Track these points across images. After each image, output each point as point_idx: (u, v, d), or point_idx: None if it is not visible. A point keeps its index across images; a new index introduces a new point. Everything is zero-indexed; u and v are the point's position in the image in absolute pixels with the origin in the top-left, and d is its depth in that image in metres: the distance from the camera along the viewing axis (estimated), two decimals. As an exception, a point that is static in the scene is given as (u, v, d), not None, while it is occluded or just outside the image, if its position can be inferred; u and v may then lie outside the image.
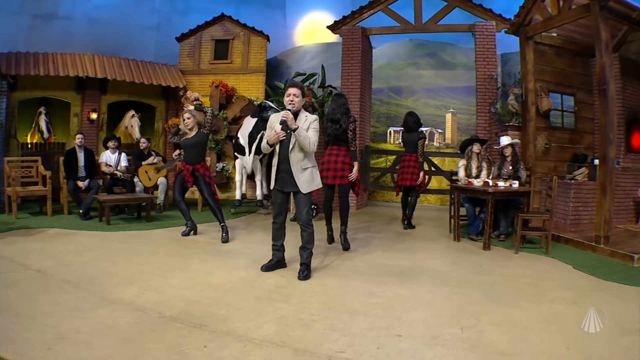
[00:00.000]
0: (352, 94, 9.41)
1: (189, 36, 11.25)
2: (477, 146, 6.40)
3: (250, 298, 3.76)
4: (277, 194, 4.43)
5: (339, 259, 5.11)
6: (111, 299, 3.67)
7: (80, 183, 7.39)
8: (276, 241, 4.59)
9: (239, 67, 11.18)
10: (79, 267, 4.48)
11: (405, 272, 4.60)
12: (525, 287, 4.16)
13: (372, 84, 10.75)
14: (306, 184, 4.33)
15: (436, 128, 10.52)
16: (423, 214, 8.65)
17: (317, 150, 4.51)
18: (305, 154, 4.31)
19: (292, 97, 4.23)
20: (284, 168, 4.28)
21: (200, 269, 4.56)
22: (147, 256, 5.02)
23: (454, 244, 6.08)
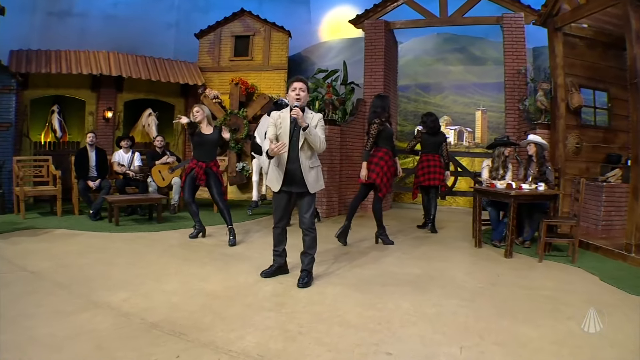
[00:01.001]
0: (375, 91, 9.21)
1: (209, 32, 11.30)
2: (509, 150, 6.14)
3: (240, 306, 3.67)
4: (282, 196, 4.31)
5: (348, 265, 4.97)
6: (98, 302, 3.65)
7: (90, 183, 7.49)
8: (277, 246, 4.50)
9: (259, 64, 11.18)
10: (76, 269, 4.51)
11: (415, 281, 4.41)
12: (543, 300, 3.89)
13: (399, 81, 10.60)
14: (314, 184, 4.24)
15: (465, 127, 10.24)
16: (449, 217, 8.40)
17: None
18: (312, 153, 4.22)
19: (298, 92, 4.12)
20: (292, 168, 4.17)
21: (197, 274, 4.52)
22: (148, 259, 5.04)
23: (474, 250, 5.83)
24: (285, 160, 4.17)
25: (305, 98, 4.17)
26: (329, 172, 8.36)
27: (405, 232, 6.99)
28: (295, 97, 4.12)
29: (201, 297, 3.86)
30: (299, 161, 4.14)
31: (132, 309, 3.54)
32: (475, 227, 5.96)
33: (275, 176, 4.26)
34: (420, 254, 5.60)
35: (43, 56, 9.27)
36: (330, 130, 8.36)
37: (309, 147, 4.15)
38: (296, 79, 4.23)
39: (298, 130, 4.11)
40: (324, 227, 7.37)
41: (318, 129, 4.17)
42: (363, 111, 9.30)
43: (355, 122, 9.14)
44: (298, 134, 4.11)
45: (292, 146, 4.15)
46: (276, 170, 4.26)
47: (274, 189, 4.30)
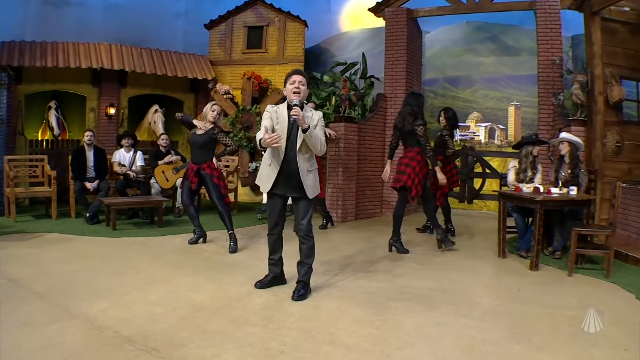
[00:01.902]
0: (397, 86, 9.13)
1: (219, 23, 11.34)
2: (537, 149, 5.93)
3: (224, 320, 3.61)
4: (276, 201, 4.22)
5: (353, 276, 4.87)
6: (73, 313, 3.65)
7: (88, 184, 7.56)
8: (273, 254, 4.44)
9: (274, 56, 11.17)
10: (58, 277, 4.54)
11: (424, 296, 4.27)
12: (566, 322, 3.69)
13: (425, 74, 10.47)
14: (312, 188, 4.14)
15: (497, 124, 10.02)
16: (477, 223, 8.20)
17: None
18: (311, 154, 4.13)
19: (297, 85, 4.01)
20: (289, 170, 4.07)
21: (187, 283, 4.49)
22: (138, 266, 5.04)
23: (497, 261, 5.65)
24: (280, 161, 4.07)
25: (304, 93, 4.06)
26: (344, 173, 8.27)
27: (425, 240, 6.84)
28: (293, 91, 4.02)
29: (185, 309, 3.82)
30: (296, 163, 4.04)
31: (109, 320, 3.53)
32: (499, 235, 5.76)
33: (267, 175, 4.16)
34: (437, 264, 5.45)
35: (38, 48, 9.33)
36: (346, 128, 8.28)
37: (307, 148, 4.06)
38: (294, 72, 4.12)
39: (296, 129, 4.02)
40: (336, 233, 7.29)
41: (318, 129, 4.06)
42: (383, 107, 9.18)
43: (374, 118, 9.02)
44: (296, 133, 4.02)
45: (289, 147, 4.05)
46: (268, 169, 4.16)
47: (263, 188, 4.21)
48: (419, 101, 5.97)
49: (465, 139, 10.14)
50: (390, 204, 9.12)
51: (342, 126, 8.27)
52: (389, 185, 6.56)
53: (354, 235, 7.14)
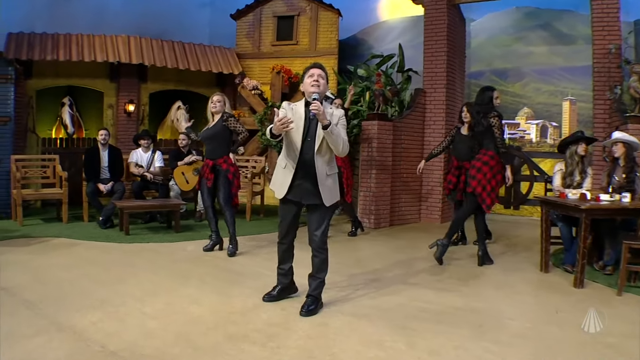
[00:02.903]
0: (436, 79, 9.00)
1: (247, 13, 11.41)
2: (583, 147, 5.66)
3: (220, 335, 3.60)
4: (289, 207, 4.14)
5: (374, 290, 4.78)
6: (62, 325, 3.71)
7: (101, 186, 7.72)
8: (283, 264, 4.39)
9: (305, 48, 11.15)
10: (53, 285, 4.63)
11: (446, 315, 4.14)
12: (602, 350, 3.48)
13: (470, 66, 10.27)
14: (330, 194, 4.05)
15: (550, 121, 9.70)
16: (523, 232, 7.95)
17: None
18: (331, 156, 4.04)
19: (316, 78, 3.93)
20: (305, 173, 3.98)
21: (190, 294, 4.52)
22: (143, 275, 5.11)
23: (539, 276, 5.44)
24: (295, 163, 3.98)
25: (324, 87, 3.98)
26: (378, 175, 8.18)
27: (460, 249, 6.67)
28: (312, 84, 3.91)
29: (182, 322, 3.84)
30: (314, 166, 3.95)
31: (98, 333, 3.56)
32: (542, 246, 5.54)
33: (281, 180, 4.09)
34: (470, 279, 5.30)
35: (49, 41, 9.44)
36: (380, 127, 8.18)
37: (327, 149, 3.97)
38: (313, 65, 4.06)
39: (314, 127, 3.93)
40: (366, 240, 7.24)
41: (340, 128, 3.97)
42: (422, 103, 9.03)
43: (412, 116, 8.89)
44: (314, 132, 3.93)
45: (305, 147, 3.96)
46: (282, 173, 4.09)
47: (278, 195, 4.13)
48: (484, 95, 5.84)
49: (515, 137, 9.85)
50: (429, 209, 8.97)
51: (375, 124, 8.17)
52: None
53: (385, 244, 7.05)
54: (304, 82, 4.00)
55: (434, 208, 8.94)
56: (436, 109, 8.98)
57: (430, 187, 8.94)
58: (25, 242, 6.34)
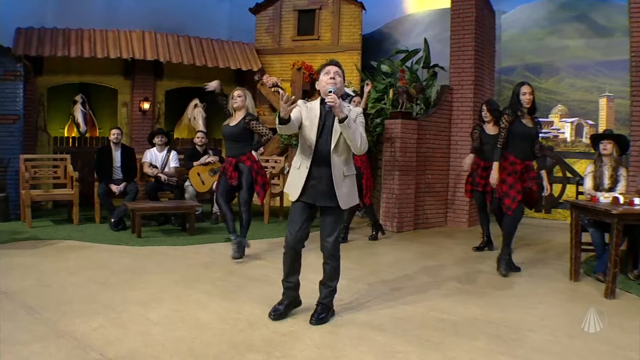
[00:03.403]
0: (464, 76, 8.90)
1: (267, 7, 11.46)
2: (606, 145, 5.54)
3: (225, 344, 3.61)
4: (302, 210, 4.04)
5: (390, 299, 4.73)
6: (61, 331, 3.75)
7: (114, 187, 7.81)
8: (291, 277, 4.19)
9: (327, 44, 11.17)
10: (57, 290, 4.70)
11: (463, 325, 4.08)
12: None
13: (501, 61, 10.20)
14: (346, 197, 3.99)
15: (585, 118, 9.55)
16: (555, 237, 7.83)
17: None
18: (348, 155, 4.00)
19: (333, 75, 3.88)
20: (320, 174, 3.93)
21: (198, 300, 4.54)
22: (150, 279, 5.15)
23: (567, 285, 5.33)
24: (309, 161, 3.93)
25: (341, 84, 3.94)
26: (401, 177, 8.12)
27: (486, 256, 6.58)
28: (328, 82, 3.86)
29: (186, 329, 3.85)
30: (330, 165, 3.90)
31: (97, 340, 3.60)
32: (572, 253, 5.42)
33: (295, 181, 4.04)
34: (492, 286, 5.22)
35: (60, 36, 9.54)
36: (404, 126, 8.12)
37: (345, 147, 3.92)
38: (329, 63, 4.03)
39: (330, 124, 3.89)
40: (387, 245, 7.23)
41: (357, 124, 3.93)
42: (448, 101, 8.95)
43: (438, 114, 8.81)
44: (330, 130, 3.90)
45: (320, 145, 3.91)
46: (297, 174, 4.03)
47: (292, 196, 4.07)
48: (516, 89, 5.69)
49: (548, 136, 9.69)
50: (455, 212, 8.87)
51: (399, 123, 8.12)
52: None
53: (407, 249, 6.98)
54: (320, 80, 3.97)
55: (461, 211, 8.84)
56: (463, 106, 8.88)
57: (457, 189, 8.83)
58: (32, 244, 6.45)
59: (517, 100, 5.48)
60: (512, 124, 5.45)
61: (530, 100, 5.42)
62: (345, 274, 5.08)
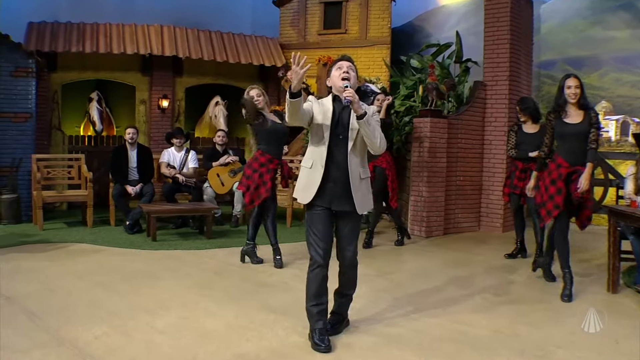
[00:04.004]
0: (498, 71, 8.76)
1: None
2: None
3: (230, 354, 3.63)
4: (326, 218, 3.83)
5: (411, 310, 4.68)
6: (63, 338, 3.82)
7: (129, 188, 7.91)
8: (320, 297, 3.85)
9: (355, 37, 11.18)
10: (63, 295, 4.79)
11: (485, 339, 4.04)
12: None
13: (540, 55, 10.05)
14: (363, 201, 3.89)
15: (632, 116, 9.33)
16: (595, 244, 7.59)
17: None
18: (364, 157, 3.90)
19: (346, 69, 3.79)
20: (336, 175, 3.80)
21: (207, 308, 4.58)
22: (162, 285, 5.21)
23: (604, 297, 5.18)
24: (324, 161, 3.78)
25: (354, 80, 3.83)
26: (430, 179, 8.04)
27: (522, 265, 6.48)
28: (342, 77, 3.76)
29: (191, 338, 3.89)
30: (346, 167, 3.78)
31: (100, 348, 3.65)
32: (610, 263, 5.29)
33: (306, 182, 3.89)
34: (521, 298, 5.12)
35: (74, 31, 9.67)
36: (433, 125, 8.05)
37: (362, 147, 3.82)
38: (341, 58, 3.93)
39: (346, 121, 3.78)
40: (414, 251, 7.19)
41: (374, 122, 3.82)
42: (482, 97, 8.82)
43: (470, 112, 8.69)
44: (346, 127, 3.78)
45: (336, 145, 3.79)
46: (308, 174, 3.89)
47: (303, 199, 3.88)
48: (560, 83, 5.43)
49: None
50: (489, 217, 8.75)
51: (428, 122, 8.03)
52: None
53: (435, 255, 6.91)
54: (332, 76, 3.88)
55: (494, 215, 8.70)
56: (498, 103, 8.74)
57: (490, 192, 8.71)
58: (42, 247, 6.58)
59: (561, 95, 5.18)
60: (557, 124, 5.16)
61: (577, 94, 5.05)
62: (366, 282, 5.09)
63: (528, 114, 6.49)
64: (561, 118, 5.14)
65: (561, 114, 5.14)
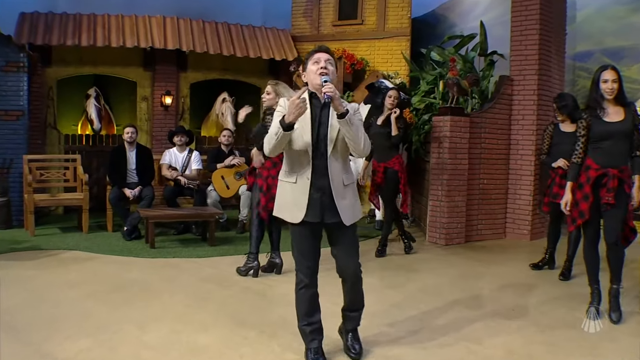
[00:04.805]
0: (526, 64, 8.68)
1: (304, -12, 11.54)
2: None
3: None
4: (312, 235, 3.75)
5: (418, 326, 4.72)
6: (45, 353, 3.91)
7: (127, 191, 8.02)
8: (314, 314, 3.87)
9: (372, 29, 11.18)
10: (49, 307, 4.88)
11: None
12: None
13: (575, 46, 9.95)
14: (350, 210, 3.77)
15: (676, 114, 9.12)
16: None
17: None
18: (345, 160, 3.79)
19: (324, 64, 3.64)
20: (321, 184, 3.67)
21: (201, 321, 4.64)
22: (156, 296, 5.31)
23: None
24: (310, 171, 3.66)
25: (333, 75, 3.69)
26: (450, 182, 8.04)
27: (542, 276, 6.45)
28: (320, 72, 3.61)
29: (181, 354, 3.95)
30: (328, 174, 3.66)
31: (80, 365, 3.74)
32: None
33: (292, 198, 3.73)
34: (538, 315, 5.04)
35: (70, 22, 9.73)
36: (453, 124, 8.04)
37: (343, 149, 3.70)
38: (317, 49, 3.76)
39: (325, 122, 3.66)
40: (431, 260, 7.19)
41: (356, 122, 3.68)
42: (508, 93, 8.78)
43: (495, 109, 8.65)
44: (326, 128, 3.66)
45: (319, 149, 3.66)
46: (292, 189, 3.73)
47: (293, 218, 3.71)
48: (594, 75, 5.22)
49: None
50: (516, 223, 8.71)
51: (448, 120, 8.03)
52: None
53: (454, 266, 6.90)
54: (308, 70, 3.72)
55: (522, 222, 8.66)
56: (526, 100, 8.69)
57: (517, 196, 8.68)
58: (32, 255, 6.70)
59: (596, 90, 4.90)
60: (594, 123, 4.83)
61: (614, 89, 4.74)
62: (374, 294, 5.11)
63: (566, 113, 6.40)
64: (599, 116, 4.83)
65: (598, 111, 4.84)
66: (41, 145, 9.48)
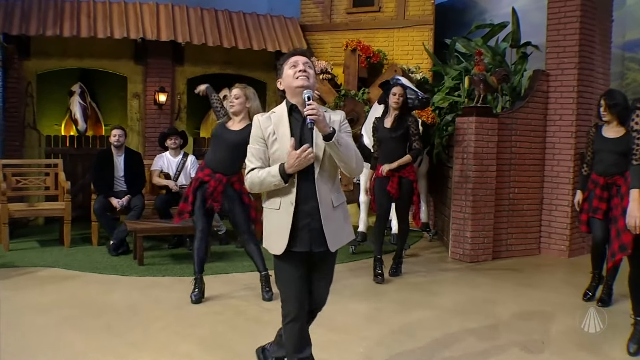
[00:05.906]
0: (564, 57, 8.63)
1: (315, -30, 11.56)
2: None
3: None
4: (296, 265, 3.67)
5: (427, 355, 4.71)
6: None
7: (114, 201, 8.05)
8: (301, 351, 3.83)
9: (391, 17, 11.17)
10: (21, 334, 4.90)
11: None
12: None
13: (621, 34, 9.86)
14: (339, 234, 3.71)
15: None
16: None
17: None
18: (335, 180, 3.73)
19: (303, 67, 3.58)
20: (308, 209, 3.61)
21: (187, 351, 4.65)
22: (139, 321, 5.33)
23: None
24: (294, 197, 3.59)
25: (313, 81, 3.63)
26: (475, 191, 8.02)
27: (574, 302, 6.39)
28: (298, 76, 3.54)
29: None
30: (315, 197, 3.60)
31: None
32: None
33: (278, 226, 3.64)
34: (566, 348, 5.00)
35: (51, 10, 9.67)
36: (479, 125, 8.00)
37: (332, 170, 3.64)
38: (294, 52, 3.72)
39: (309, 140, 3.55)
40: (452, 280, 7.17)
41: (344, 136, 3.62)
42: (543, 90, 8.73)
43: (528, 108, 8.60)
44: (311, 145, 3.54)
45: (301, 171, 3.55)
46: (278, 217, 3.64)
47: (277, 249, 3.62)
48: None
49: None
50: (552, 238, 8.65)
51: (473, 122, 7.99)
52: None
53: (478, 286, 6.88)
54: (285, 75, 3.65)
55: (558, 237, 8.60)
56: (563, 98, 8.62)
57: (553, 207, 8.63)
58: (4, 273, 6.72)
59: None
60: None
61: None
62: (383, 319, 5.27)
63: (616, 113, 6.17)
64: None
65: None
66: (19, 147, 9.48)
